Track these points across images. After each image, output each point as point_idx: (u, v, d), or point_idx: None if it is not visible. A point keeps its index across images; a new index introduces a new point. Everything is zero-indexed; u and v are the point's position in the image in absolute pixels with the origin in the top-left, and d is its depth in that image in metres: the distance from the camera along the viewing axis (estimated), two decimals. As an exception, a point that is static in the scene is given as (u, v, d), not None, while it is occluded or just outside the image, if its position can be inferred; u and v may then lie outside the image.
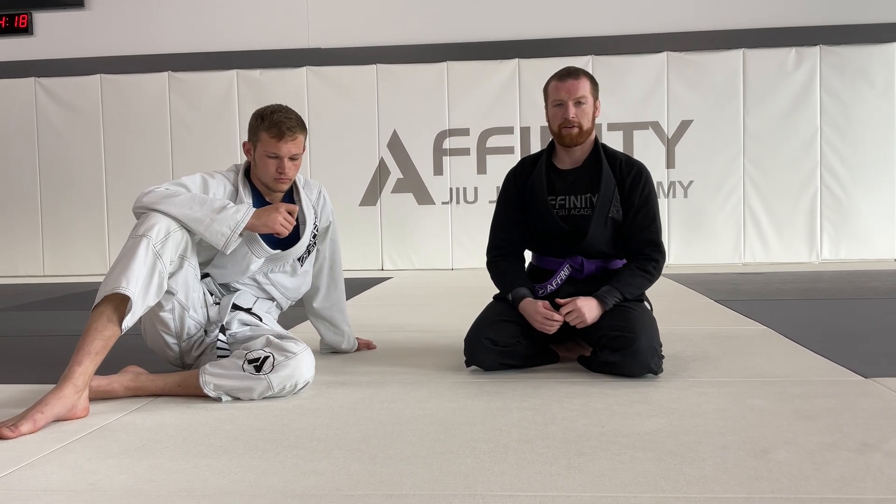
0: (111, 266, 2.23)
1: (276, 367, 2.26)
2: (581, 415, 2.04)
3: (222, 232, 2.31)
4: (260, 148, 2.49)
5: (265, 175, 2.52)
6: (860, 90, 7.16)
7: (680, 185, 7.37)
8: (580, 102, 2.60)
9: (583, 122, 2.61)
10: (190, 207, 2.31)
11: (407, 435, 1.89)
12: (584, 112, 2.61)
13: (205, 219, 2.31)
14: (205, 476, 1.62)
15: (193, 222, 2.31)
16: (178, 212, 2.30)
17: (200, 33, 7.68)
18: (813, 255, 7.27)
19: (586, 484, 1.52)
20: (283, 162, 2.48)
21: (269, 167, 2.49)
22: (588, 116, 2.62)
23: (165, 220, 2.28)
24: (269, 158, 2.48)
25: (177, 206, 2.31)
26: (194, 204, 2.33)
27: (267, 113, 2.50)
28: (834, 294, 4.77)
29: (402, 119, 7.49)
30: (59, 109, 7.76)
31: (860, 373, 2.46)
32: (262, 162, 2.50)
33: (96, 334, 2.14)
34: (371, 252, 7.57)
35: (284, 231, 2.40)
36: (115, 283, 2.15)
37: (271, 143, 2.46)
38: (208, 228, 2.31)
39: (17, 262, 7.90)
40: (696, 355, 2.83)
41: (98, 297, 2.17)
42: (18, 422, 1.95)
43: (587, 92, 2.62)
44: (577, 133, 2.62)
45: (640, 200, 2.66)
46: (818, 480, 1.52)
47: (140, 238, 2.23)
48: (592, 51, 7.32)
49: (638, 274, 2.61)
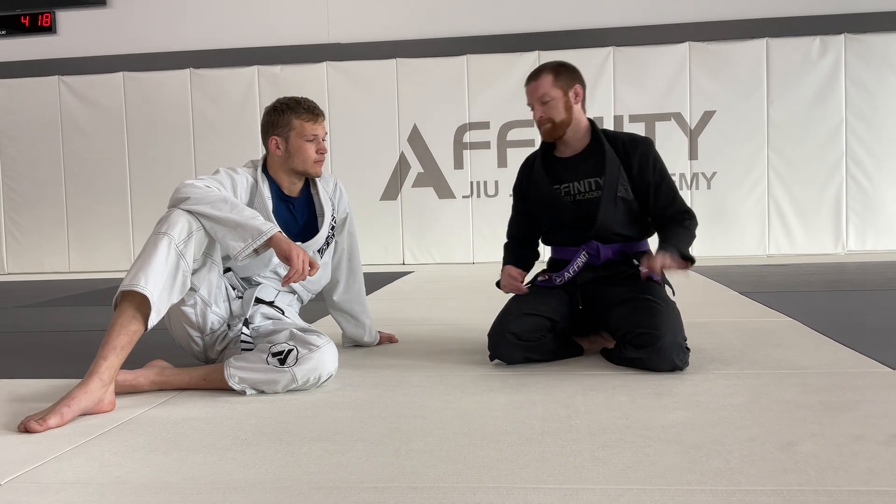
0: (134, 261, 2.24)
1: (300, 360, 2.27)
2: (605, 407, 2.03)
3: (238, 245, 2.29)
4: (294, 136, 2.56)
5: (305, 160, 2.57)
6: (886, 79, 7.06)
7: (703, 176, 7.31)
8: (543, 101, 2.66)
9: (553, 117, 2.66)
10: (220, 209, 2.30)
11: (430, 428, 1.89)
12: (552, 107, 2.66)
13: (229, 222, 2.28)
14: (230, 469, 1.63)
15: (219, 224, 2.29)
16: (208, 212, 2.29)
17: (221, 30, 7.72)
18: (838, 246, 7.19)
19: (611, 477, 1.51)
20: (320, 142, 2.58)
21: (309, 150, 2.57)
22: (558, 109, 2.66)
23: (188, 217, 2.28)
24: (308, 142, 2.56)
25: (207, 207, 2.30)
26: (224, 206, 2.31)
27: (291, 103, 2.57)
28: (860, 285, 4.71)
29: (422, 113, 7.48)
30: (83, 107, 7.84)
31: (888, 364, 2.43)
32: (299, 148, 2.56)
33: (121, 329, 2.16)
34: (392, 246, 7.58)
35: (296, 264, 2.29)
36: (133, 280, 2.16)
37: (308, 126, 2.56)
38: (225, 236, 2.29)
39: (44, 258, 8.01)
40: (722, 348, 2.81)
41: (118, 292, 2.19)
42: (46, 416, 1.97)
43: (548, 88, 2.65)
44: (550, 128, 2.68)
45: (656, 177, 2.67)
46: (846, 473, 1.50)
47: (162, 236, 2.23)
48: (613, 42, 7.27)
49: (680, 231, 2.60)
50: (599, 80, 7.29)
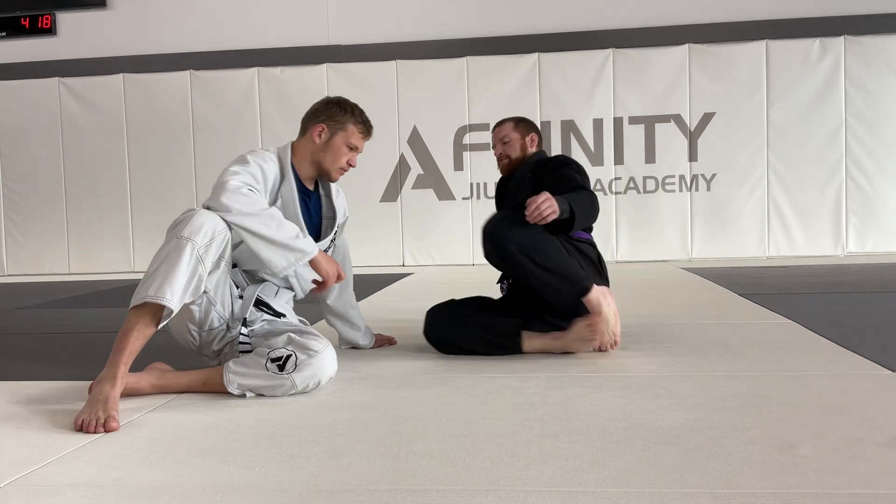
0: (154, 265, 2.19)
1: (300, 367, 2.26)
2: (604, 409, 2.03)
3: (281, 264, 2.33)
4: (342, 136, 2.60)
5: (335, 161, 2.61)
6: (886, 81, 7.07)
7: (703, 178, 7.32)
8: (504, 141, 3.16)
9: (510, 154, 3.13)
10: (267, 226, 2.31)
11: (429, 430, 1.89)
12: (510, 146, 3.14)
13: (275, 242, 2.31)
14: (229, 472, 1.63)
15: (263, 241, 2.31)
16: (254, 228, 2.30)
17: (221, 32, 7.72)
18: (838, 248, 7.19)
19: (610, 479, 1.51)
20: (354, 157, 2.65)
21: (342, 157, 2.62)
22: (514, 148, 3.13)
23: (213, 221, 2.25)
24: (348, 149, 2.62)
25: (254, 222, 2.30)
26: (271, 223, 2.32)
27: (355, 109, 2.66)
28: (860, 287, 4.71)
29: (422, 115, 7.49)
30: (83, 109, 7.85)
31: (888, 367, 2.43)
32: (338, 149, 2.61)
33: (139, 335, 2.14)
34: (392, 248, 7.58)
35: (331, 281, 2.44)
36: (158, 291, 2.12)
37: (356, 137, 2.63)
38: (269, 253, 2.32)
39: (44, 260, 8.01)
40: (721, 349, 2.81)
41: (138, 298, 2.14)
42: (108, 420, 1.97)
43: (510, 131, 3.15)
44: (507, 163, 3.16)
45: (555, 174, 2.88)
46: (846, 475, 1.50)
47: (185, 241, 2.18)
48: (613, 43, 7.28)
49: (573, 195, 2.69)
50: (599, 82, 7.30)
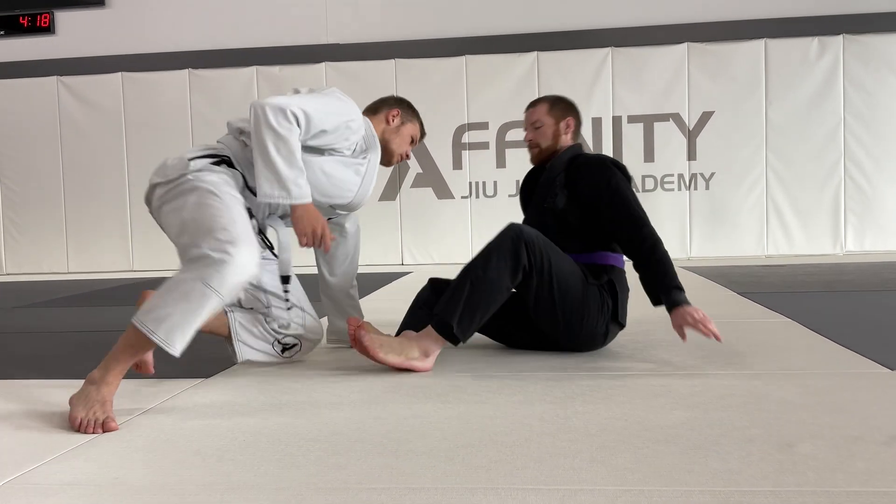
0: (171, 295, 2.03)
1: (302, 352, 2.65)
2: (603, 408, 2.03)
3: (269, 193, 2.36)
4: (409, 128, 2.84)
5: (399, 147, 2.81)
6: (885, 79, 7.07)
7: (702, 177, 7.32)
8: (535, 126, 2.86)
9: (540, 142, 2.85)
10: (279, 151, 2.34)
11: (428, 428, 1.89)
12: (542, 133, 2.84)
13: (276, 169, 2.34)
14: (228, 470, 1.63)
15: (264, 162, 2.34)
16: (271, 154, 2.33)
17: (220, 30, 7.72)
18: (837, 246, 7.19)
19: (609, 477, 1.51)
20: (410, 151, 2.88)
21: (406, 145, 2.84)
22: (547, 136, 2.84)
23: (243, 274, 2.10)
24: (409, 142, 2.85)
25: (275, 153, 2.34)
26: (283, 150, 2.34)
27: (418, 114, 2.92)
28: (859, 286, 4.71)
29: (420, 113, 7.46)
30: (82, 107, 7.84)
31: (886, 365, 2.43)
32: (404, 138, 2.82)
33: (137, 354, 2.08)
34: (391, 246, 7.58)
35: (304, 240, 2.45)
36: (169, 336, 2.00)
37: (416, 135, 2.88)
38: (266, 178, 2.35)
39: (42, 259, 8.00)
40: (720, 348, 2.81)
41: (146, 328, 2.00)
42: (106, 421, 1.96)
43: (542, 115, 2.85)
44: (536, 152, 2.88)
45: (605, 196, 2.65)
46: (845, 473, 1.50)
47: (212, 294, 2.03)
48: (612, 42, 7.28)
49: (650, 266, 2.57)
50: (598, 80, 7.30)
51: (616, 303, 2.67)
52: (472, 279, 2.45)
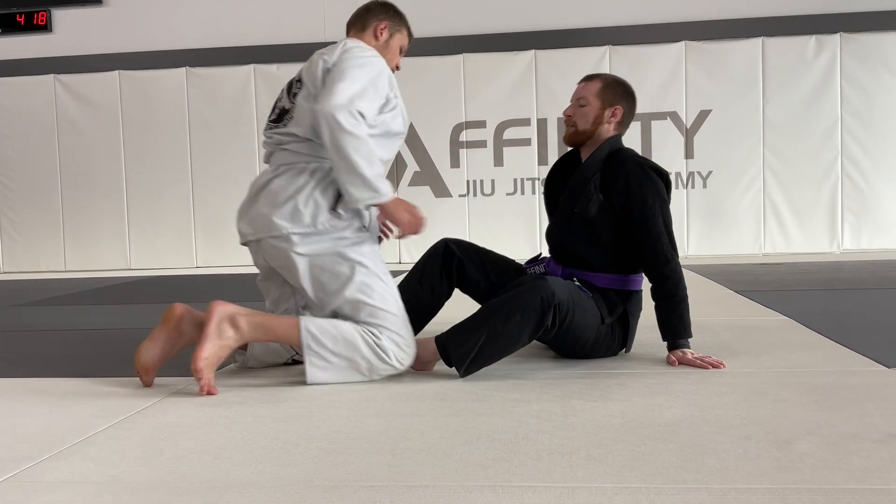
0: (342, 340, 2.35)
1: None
2: (601, 406, 2.03)
3: (358, 197, 2.36)
4: (398, 38, 2.71)
5: (389, 62, 2.64)
6: (881, 78, 7.07)
7: (699, 175, 7.32)
8: (580, 104, 2.62)
9: (578, 123, 2.61)
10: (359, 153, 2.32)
11: (426, 426, 1.90)
12: (583, 113, 2.60)
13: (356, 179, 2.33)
14: (226, 468, 1.63)
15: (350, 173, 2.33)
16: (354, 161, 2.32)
17: (218, 28, 7.71)
18: (834, 245, 7.20)
19: (606, 475, 1.52)
20: (399, 60, 2.76)
21: (395, 59, 2.73)
22: (587, 119, 2.60)
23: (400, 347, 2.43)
24: (399, 52, 2.74)
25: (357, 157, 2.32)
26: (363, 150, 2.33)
27: (404, 17, 2.75)
28: (856, 284, 4.72)
29: (418, 112, 7.47)
30: (79, 106, 7.83)
31: (883, 363, 2.44)
32: (393, 51, 2.71)
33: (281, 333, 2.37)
34: (389, 244, 7.58)
35: (408, 229, 2.46)
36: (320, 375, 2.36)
37: (405, 44, 2.75)
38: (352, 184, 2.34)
39: (40, 257, 7.99)
40: (717, 346, 2.81)
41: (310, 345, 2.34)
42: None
43: (591, 94, 2.61)
44: (573, 132, 2.63)
45: (637, 208, 2.49)
46: (841, 471, 1.50)
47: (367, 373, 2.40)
48: (609, 41, 7.28)
49: (668, 307, 2.51)
50: (596, 78, 7.29)
51: (626, 334, 2.62)
52: (490, 331, 2.34)
